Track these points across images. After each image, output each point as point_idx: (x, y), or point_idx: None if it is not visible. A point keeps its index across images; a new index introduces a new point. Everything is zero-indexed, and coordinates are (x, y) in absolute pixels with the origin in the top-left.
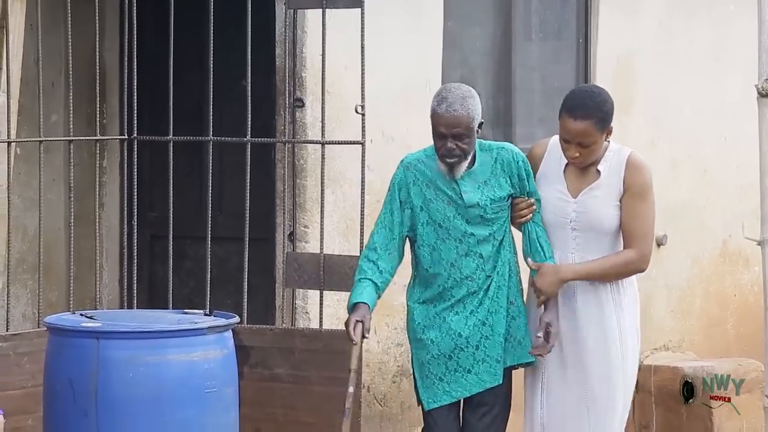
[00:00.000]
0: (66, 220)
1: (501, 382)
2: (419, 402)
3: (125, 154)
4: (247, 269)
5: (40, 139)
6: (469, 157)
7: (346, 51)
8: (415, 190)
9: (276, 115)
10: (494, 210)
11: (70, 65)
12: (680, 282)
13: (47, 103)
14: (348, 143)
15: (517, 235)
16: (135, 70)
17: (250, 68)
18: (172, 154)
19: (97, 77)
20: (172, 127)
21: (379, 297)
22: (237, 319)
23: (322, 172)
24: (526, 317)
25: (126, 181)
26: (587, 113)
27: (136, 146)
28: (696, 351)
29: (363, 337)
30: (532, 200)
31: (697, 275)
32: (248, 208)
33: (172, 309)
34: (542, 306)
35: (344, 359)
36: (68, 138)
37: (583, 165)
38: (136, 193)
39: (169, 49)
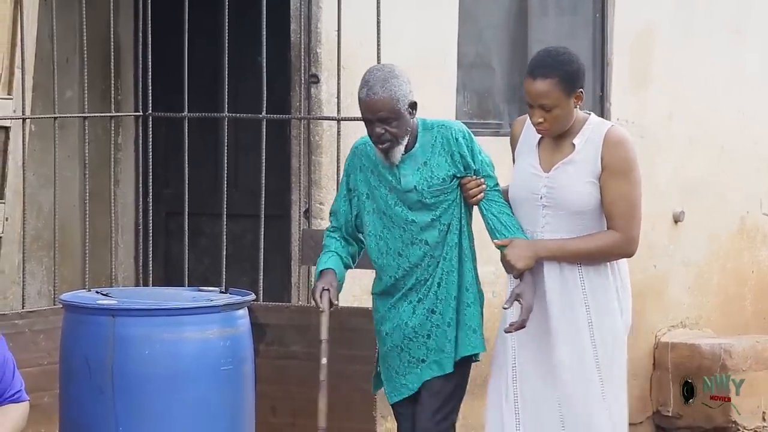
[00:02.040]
0: (81, 197)
1: (447, 372)
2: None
3: (140, 131)
4: (262, 246)
5: (55, 115)
6: (404, 141)
7: (362, 26)
8: (361, 177)
9: (291, 92)
10: (434, 194)
11: (85, 41)
12: (697, 259)
13: (61, 79)
14: (361, 119)
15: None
16: (149, 46)
17: (265, 44)
18: (187, 130)
19: (112, 53)
20: (186, 103)
21: (345, 270)
22: (253, 296)
23: (338, 149)
24: (481, 305)
25: (141, 158)
26: (547, 72)
27: (150, 123)
28: (713, 328)
29: (331, 305)
30: (481, 179)
31: (715, 252)
32: (263, 184)
33: (188, 286)
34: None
35: (361, 337)
36: (83, 114)
37: (551, 134)
38: (151, 170)
39: (184, 25)
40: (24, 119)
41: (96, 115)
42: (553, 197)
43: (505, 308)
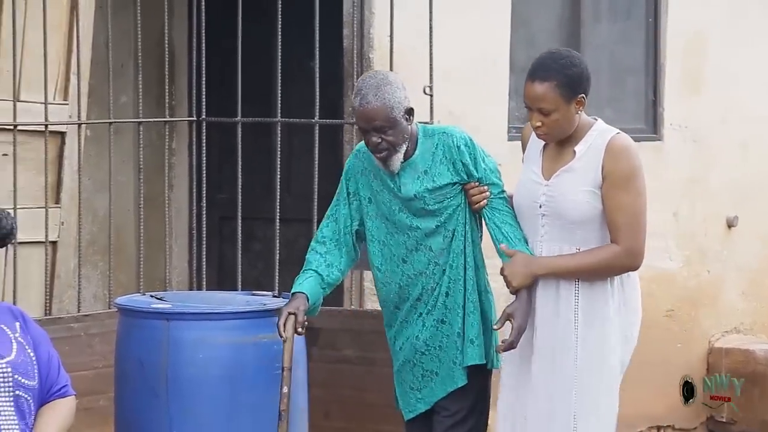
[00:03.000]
0: (136, 201)
1: (458, 385)
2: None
3: (194, 136)
4: None
5: (110, 120)
6: (402, 149)
7: (414, 31)
8: (363, 181)
9: (343, 96)
10: (436, 200)
11: (139, 47)
12: (751, 263)
13: (117, 84)
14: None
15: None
16: (203, 52)
17: (317, 50)
18: (240, 135)
19: (166, 59)
20: (240, 108)
21: (325, 293)
22: None
23: None
24: (479, 314)
25: (195, 163)
26: (546, 75)
27: (204, 128)
28: None
29: (296, 332)
30: (484, 186)
31: None
32: (316, 189)
33: (241, 290)
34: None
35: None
36: (138, 120)
37: (550, 139)
38: (204, 175)
39: (238, 31)
40: (80, 124)
41: (150, 120)
42: (551, 206)
43: (494, 329)
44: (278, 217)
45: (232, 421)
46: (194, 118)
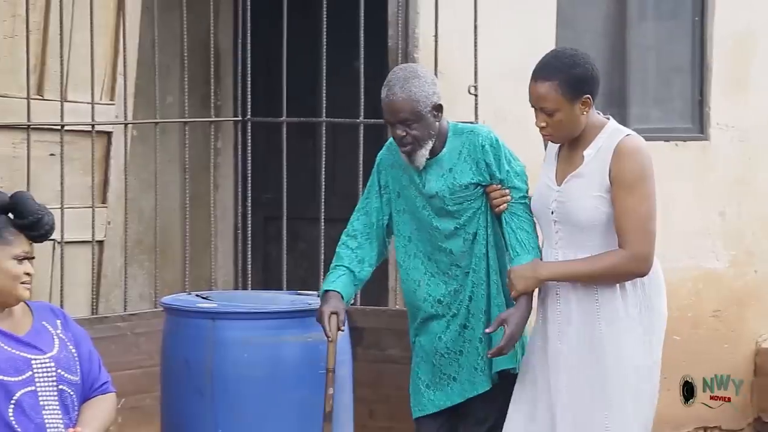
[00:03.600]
0: (181, 201)
1: (479, 391)
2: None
3: (239, 136)
4: None
5: (156, 120)
6: (427, 145)
7: (459, 31)
8: (393, 174)
9: None
10: (456, 201)
11: (185, 47)
12: None
13: (162, 84)
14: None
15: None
16: (249, 52)
17: (362, 49)
18: (285, 135)
19: (212, 59)
20: (285, 108)
21: (357, 288)
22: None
23: None
24: None
25: (240, 163)
26: (548, 74)
27: (249, 127)
28: None
29: (339, 330)
30: (506, 190)
31: None
32: (360, 189)
33: (286, 290)
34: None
35: None
36: (183, 119)
37: (555, 141)
38: (250, 175)
39: (283, 31)
40: (126, 124)
41: (196, 120)
42: (562, 212)
43: (486, 332)
44: (323, 217)
45: (277, 420)
46: (239, 118)
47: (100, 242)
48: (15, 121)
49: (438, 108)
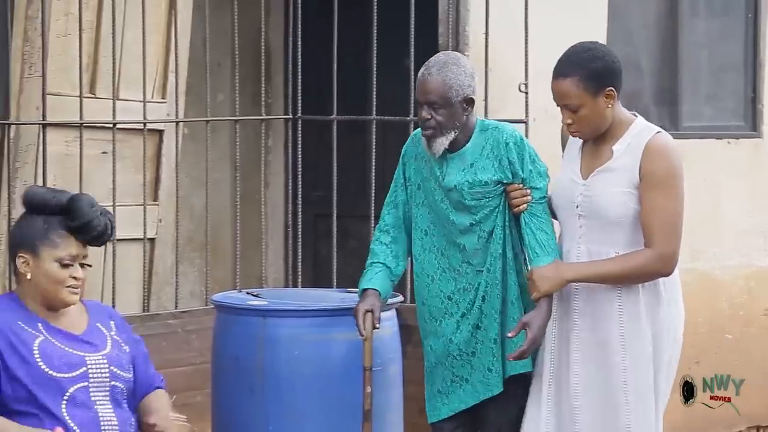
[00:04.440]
0: (232, 199)
1: (494, 393)
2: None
3: (289, 134)
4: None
5: (207, 118)
6: (449, 134)
7: (509, 29)
8: (416, 166)
9: None
10: (475, 196)
11: (236, 45)
12: None
13: (214, 82)
14: (511, 122)
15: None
16: (299, 50)
17: (413, 47)
18: (335, 133)
19: (263, 57)
20: (335, 106)
21: (394, 284)
22: (401, 298)
23: None
24: None
25: (290, 160)
26: (568, 70)
27: (300, 125)
28: None
29: (374, 328)
30: (527, 189)
31: None
32: None
33: (336, 287)
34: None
35: None
36: (234, 118)
37: (584, 137)
38: (300, 172)
39: (334, 28)
40: (177, 122)
41: (247, 118)
42: (588, 206)
43: (508, 337)
44: (373, 215)
45: (328, 417)
46: (290, 116)
47: (152, 240)
48: (68, 119)
49: (469, 101)
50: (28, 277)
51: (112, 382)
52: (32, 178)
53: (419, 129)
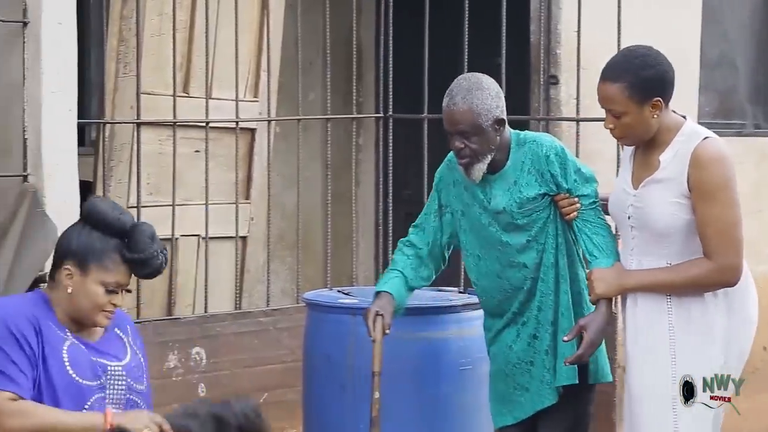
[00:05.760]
0: (323, 197)
1: (546, 404)
2: None
3: (380, 132)
4: None
5: (299, 117)
6: (485, 159)
7: (602, 26)
8: (455, 193)
9: (530, 93)
10: (525, 214)
11: (328, 44)
12: None
13: (305, 81)
14: (603, 120)
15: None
16: (390, 49)
17: (504, 45)
18: (426, 131)
19: (354, 56)
20: (426, 104)
21: (409, 295)
22: None
23: (577, 150)
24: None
25: (381, 159)
26: (616, 76)
27: (391, 124)
28: None
29: (384, 332)
30: (575, 198)
31: None
32: None
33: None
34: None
35: None
36: (325, 116)
37: (626, 143)
38: (391, 171)
39: (424, 28)
40: (269, 121)
41: (338, 116)
42: (638, 217)
43: (564, 340)
44: None
45: (420, 415)
46: (381, 115)
47: (244, 238)
48: (161, 118)
49: (500, 122)
50: (69, 290)
51: (128, 395)
52: (126, 177)
53: (453, 154)
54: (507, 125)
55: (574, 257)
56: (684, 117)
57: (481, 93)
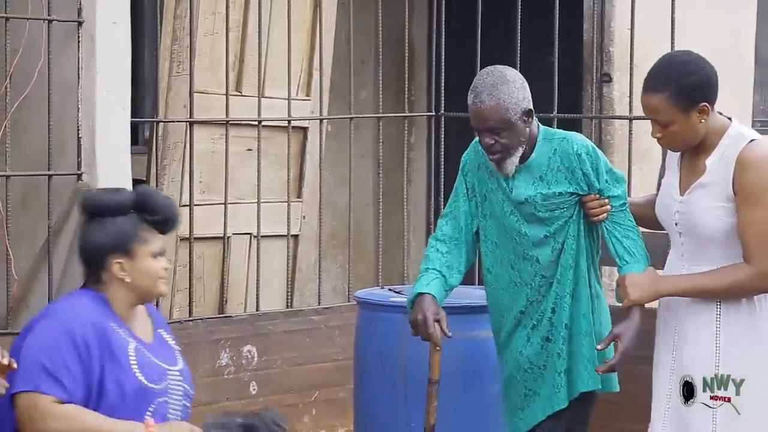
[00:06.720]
0: (375, 196)
1: (557, 408)
2: None
3: (432, 131)
4: None
5: (351, 116)
6: (517, 152)
7: (655, 24)
8: (480, 177)
9: (582, 91)
10: (548, 208)
11: (380, 43)
12: None
13: (357, 80)
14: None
15: None
16: (442, 47)
17: (557, 43)
18: None
19: (406, 54)
20: None
21: (447, 295)
22: None
23: (630, 148)
24: (592, 335)
25: (433, 157)
26: (659, 85)
27: (443, 123)
28: None
29: (446, 337)
30: (605, 199)
31: None
32: None
33: (478, 285)
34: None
35: (651, 336)
36: (377, 115)
37: (675, 150)
38: (442, 169)
39: (477, 26)
40: (321, 120)
41: (390, 115)
42: (686, 223)
43: (597, 349)
44: None
45: (469, 414)
46: (433, 113)
47: (295, 236)
48: (214, 117)
49: (528, 113)
50: (128, 280)
51: (184, 401)
52: (179, 176)
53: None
54: (534, 116)
55: (596, 261)
56: (730, 119)
57: (507, 87)
